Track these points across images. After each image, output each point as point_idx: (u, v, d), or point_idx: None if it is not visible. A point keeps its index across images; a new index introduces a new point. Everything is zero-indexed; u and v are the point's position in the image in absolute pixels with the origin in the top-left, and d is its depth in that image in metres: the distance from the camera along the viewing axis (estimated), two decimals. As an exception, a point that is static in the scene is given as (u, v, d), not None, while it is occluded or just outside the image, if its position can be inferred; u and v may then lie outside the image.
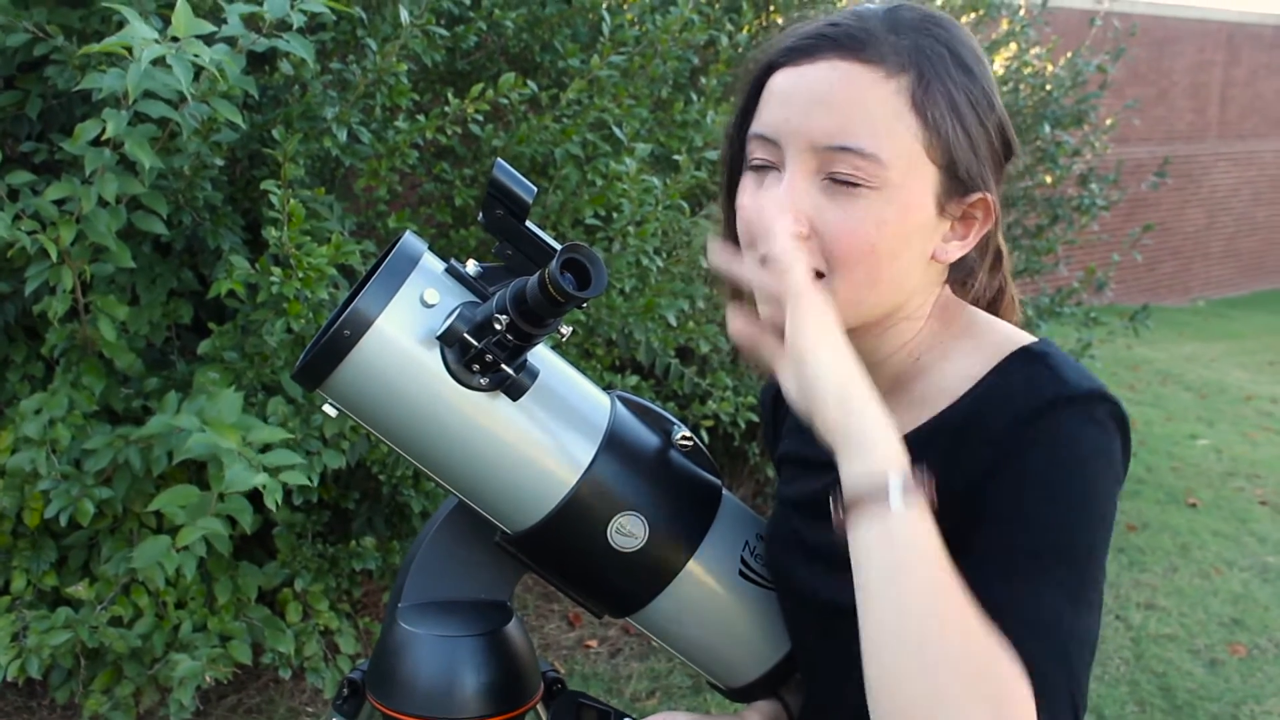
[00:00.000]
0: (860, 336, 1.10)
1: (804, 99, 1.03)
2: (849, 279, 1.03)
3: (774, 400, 1.40)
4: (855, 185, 1.01)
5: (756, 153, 1.07)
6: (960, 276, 1.19)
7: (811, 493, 1.19)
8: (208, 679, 2.72)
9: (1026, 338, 1.10)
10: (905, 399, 1.12)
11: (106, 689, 2.81)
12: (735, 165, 1.13)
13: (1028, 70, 5.02)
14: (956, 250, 1.09)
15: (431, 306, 1.03)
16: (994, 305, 1.24)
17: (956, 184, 1.05)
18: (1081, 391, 0.99)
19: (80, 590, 2.71)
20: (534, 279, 0.98)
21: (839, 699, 1.17)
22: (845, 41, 1.03)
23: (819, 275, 1.04)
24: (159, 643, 2.76)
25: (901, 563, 0.90)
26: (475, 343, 1.01)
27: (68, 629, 2.63)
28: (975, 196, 1.07)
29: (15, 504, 2.65)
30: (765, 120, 1.06)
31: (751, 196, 1.08)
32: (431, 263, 1.06)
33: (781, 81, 1.06)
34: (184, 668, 2.65)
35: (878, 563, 0.91)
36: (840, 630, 1.12)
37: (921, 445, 1.07)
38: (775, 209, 1.03)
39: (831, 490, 0.96)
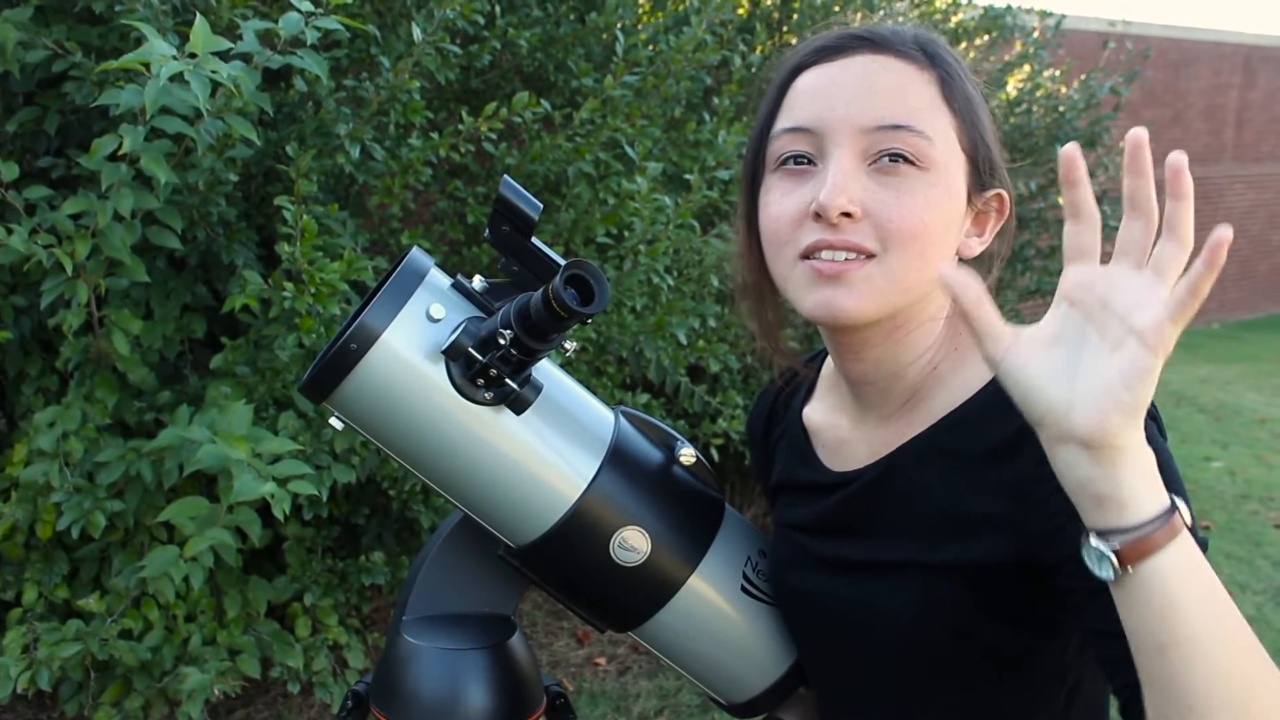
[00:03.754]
0: (891, 338, 1.11)
1: (848, 88, 1.07)
2: (902, 257, 1.04)
3: (765, 426, 1.39)
4: (906, 163, 1.04)
5: (790, 146, 1.08)
6: None
7: (820, 513, 1.19)
8: (216, 692, 2.73)
9: None
10: (922, 406, 1.13)
11: (116, 701, 2.81)
12: (756, 172, 1.15)
13: (1041, 92, 5.02)
14: (977, 245, 1.12)
15: (437, 321, 1.04)
16: None
17: (978, 176, 1.09)
18: None
19: (91, 603, 2.73)
20: (538, 294, 0.98)
21: (865, 711, 1.17)
22: (876, 40, 1.09)
23: (871, 256, 1.05)
24: (168, 656, 2.77)
25: (1212, 593, 0.82)
26: (480, 357, 1.02)
27: (78, 641, 2.64)
28: (992, 192, 1.11)
29: (28, 516, 2.67)
30: (800, 114, 1.09)
31: (783, 195, 1.09)
32: (438, 278, 1.07)
33: (813, 78, 1.09)
34: (193, 681, 2.66)
35: (1186, 597, 0.81)
36: (862, 635, 1.13)
37: (931, 445, 1.09)
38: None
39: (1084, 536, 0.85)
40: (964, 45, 4.84)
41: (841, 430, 1.22)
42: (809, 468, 1.24)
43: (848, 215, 1.03)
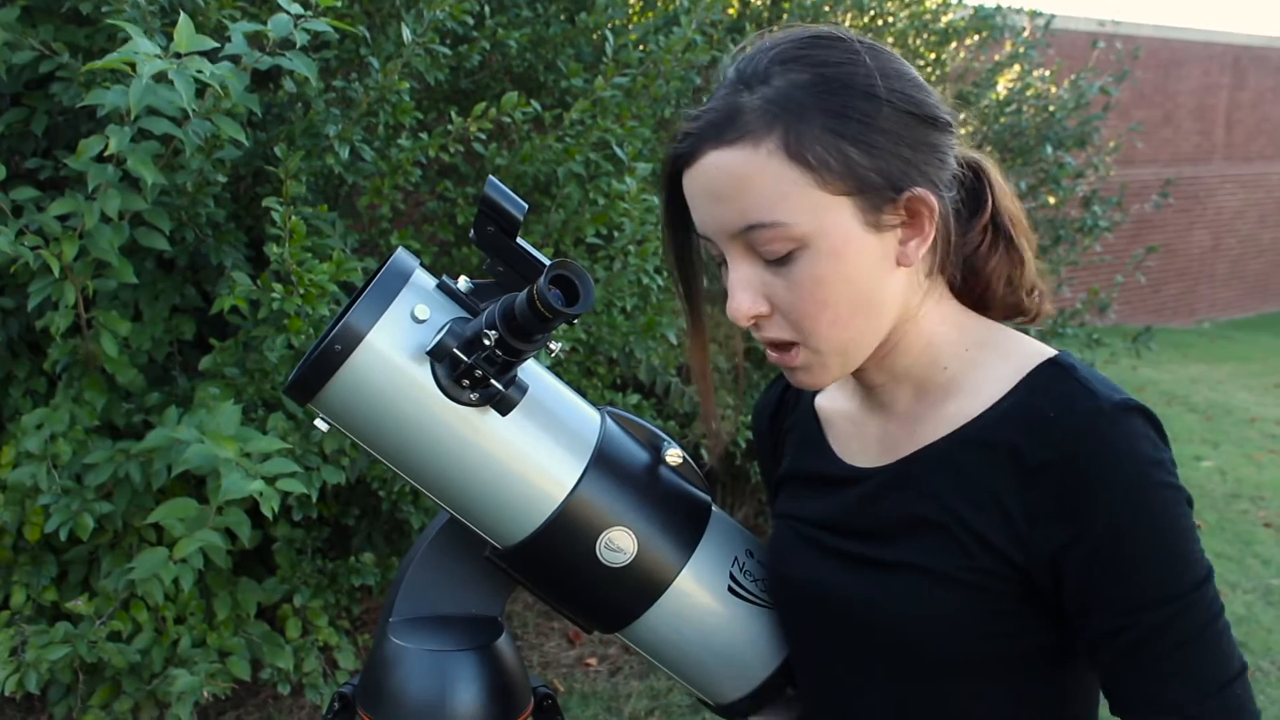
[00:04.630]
0: (878, 363, 1.13)
1: (703, 199, 1.07)
2: (819, 336, 1.07)
3: (773, 415, 1.38)
4: (781, 254, 1.04)
5: (708, 247, 1.11)
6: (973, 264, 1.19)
7: (829, 508, 1.19)
8: (206, 694, 2.72)
9: (1049, 350, 1.11)
10: (935, 407, 1.13)
11: (105, 704, 2.81)
12: (681, 253, 1.18)
13: (1030, 92, 5.03)
14: (918, 247, 1.07)
15: (422, 322, 1.04)
16: (1017, 297, 1.22)
17: (876, 197, 1.03)
18: (1114, 405, 1.01)
19: (79, 605, 2.72)
20: (523, 295, 0.98)
21: (863, 707, 1.17)
22: (709, 131, 1.04)
23: (793, 345, 1.08)
24: (158, 658, 2.76)
25: None
26: (465, 358, 1.01)
27: (66, 644, 2.64)
28: (905, 194, 1.04)
29: (16, 518, 2.66)
30: (694, 219, 1.10)
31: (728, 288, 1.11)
32: (423, 278, 1.07)
33: (686, 184, 1.09)
34: (182, 683, 2.65)
35: None
36: (860, 632, 1.13)
37: (950, 455, 1.09)
38: None
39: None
40: (954, 45, 4.85)
41: (852, 422, 1.22)
42: (821, 458, 1.23)
43: (760, 316, 1.07)
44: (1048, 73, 5.25)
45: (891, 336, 1.11)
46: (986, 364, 1.11)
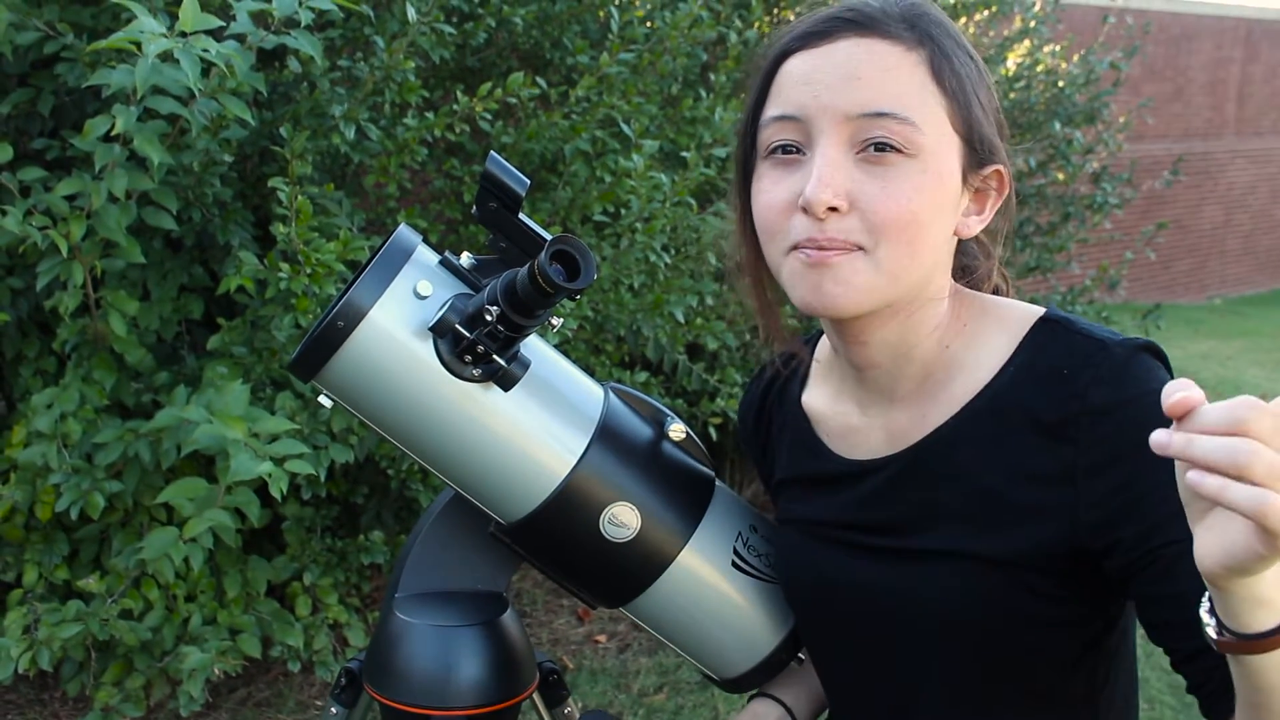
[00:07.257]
0: (894, 321, 1.09)
1: (832, 74, 1.03)
2: (893, 249, 1.02)
3: (756, 416, 1.36)
4: (893, 151, 1.01)
5: (778, 135, 1.06)
6: (965, 262, 1.20)
7: (843, 504, 1.17)
8: (217, 671, 2.74)
9: (1037, 309, 1.11)
10: (940, 388, 1.11)
11: (117, 681, 2.83)
12: (748, 158, 1.12)
13: (1040, 68, 5.00)
14: (976, 224, 1.10)
15: (425, 298, 1.04)
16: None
17: (974, 155, 1.07)
18: (1124, 348, 1.02)
19: (91, 583, 2.74)
20: (524, 270, 0.98)
21: (893, 699, 1.17)
22: (862, 21, 1.05)
23: (861, 249, 1.03)
24: (169, 635, 2.78)
25: None
26: (467, 334, 1.02)
27: (79, 621, 2.65)
28: (990, 169, 1.09)
29: (27, 498, 2.67)
30: (788, 101, 1.06)
31: (773, 184, 1.07)
32: (425, 255, 1.07)
33: (799, 64, 1.06)
34: (193, 660, 2.67)
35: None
36: (899, 625, 1.11)
37: (962, 431, 1.08)
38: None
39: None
40: (963, 20, 4.81)
41: (849, 416, 1.19)
42: (818, 458, 1.21)
43: (834, 209, 1.01)
44: (1058, 48, 5.21)
45: (916, 301, 1.09)
46: (983, 335, 1.11)
